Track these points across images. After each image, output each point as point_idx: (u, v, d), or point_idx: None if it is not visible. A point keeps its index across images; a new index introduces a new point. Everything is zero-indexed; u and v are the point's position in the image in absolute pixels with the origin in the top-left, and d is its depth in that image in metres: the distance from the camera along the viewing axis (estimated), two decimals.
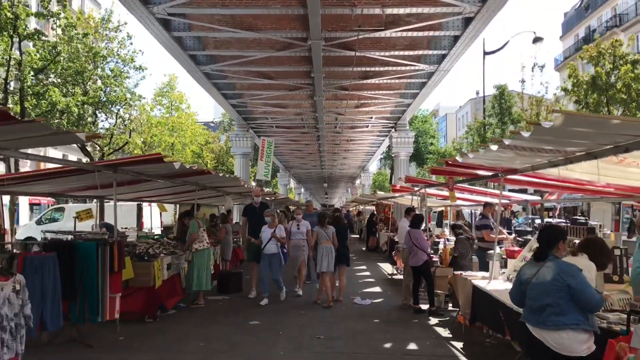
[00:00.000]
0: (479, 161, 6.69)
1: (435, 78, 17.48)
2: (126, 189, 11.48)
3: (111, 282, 7.03)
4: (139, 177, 8.71)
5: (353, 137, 29.65)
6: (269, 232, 10.07)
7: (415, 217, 9.75)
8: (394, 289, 11.69)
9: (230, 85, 19.54)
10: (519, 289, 4.12)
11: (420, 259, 9.12)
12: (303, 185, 68.46)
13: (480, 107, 57.38)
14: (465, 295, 7.60)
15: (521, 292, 4.08)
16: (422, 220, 9.72)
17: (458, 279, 8.23)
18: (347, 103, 20.51)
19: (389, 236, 20.35)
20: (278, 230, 10.11)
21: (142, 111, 23.39)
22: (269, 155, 21.08)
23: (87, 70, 17.91)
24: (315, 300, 9.98)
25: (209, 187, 12.65)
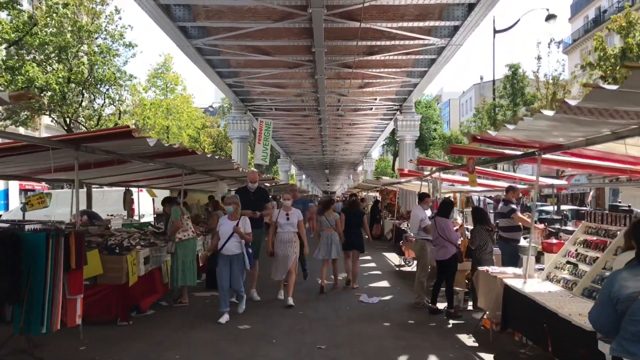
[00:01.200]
0: (518, 134, 5.42)
1: (446, 53, 16.15)
2: (106, 172, 10.30)
3: (69, 282, 5.82)
4: (110, 157, 7.51)
5: (356, 121, 28.32)
6: (230, 226, 7.50)
7: (443, 204, 8.46)
8: (403, 284, 10.50)
9: (224, 62, 18.20)
10: (613, 308, 2.86)
11: (449, 252, 7.89)
12: (304, 172, 67.24)
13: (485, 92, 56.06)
14: (494, 296, 6.40)
15: (618, 313, 2.84)
16: (451, 208, 8.47)
17: (482, 276, 7.03)
18: (350, 83, 19.17)
19: (394, 224, 19.20)
20: (242, 223, 7.57)
21: (133, 92, 22.04)
22: (267, 138, 19.80)
23: (71, 45, 16.54)
24: (320, 287, 9.61)
25: (199, 171, 11.44)
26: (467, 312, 7.98)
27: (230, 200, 7.81)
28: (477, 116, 27.67)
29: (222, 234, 7.51)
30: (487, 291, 6.82)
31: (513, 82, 23.32)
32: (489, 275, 6.75)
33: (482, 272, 7.01)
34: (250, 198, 8.82)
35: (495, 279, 6.44)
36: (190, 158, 9.10)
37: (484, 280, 6.93)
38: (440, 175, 10.42)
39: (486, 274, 6.86)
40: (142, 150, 7.87)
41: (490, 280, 6.70)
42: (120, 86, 20.18)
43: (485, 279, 6.91)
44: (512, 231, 8.58)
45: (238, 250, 7.49)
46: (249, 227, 7.68)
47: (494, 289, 6.47)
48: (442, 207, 8.32)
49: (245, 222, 7.64)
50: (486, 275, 6.86)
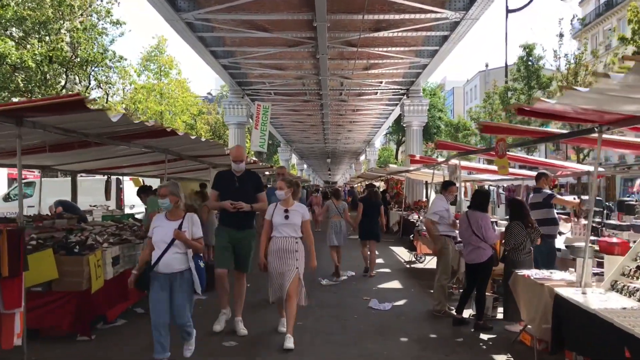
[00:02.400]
0: (578, 100, 4.10)
1: (460, 29, 14.75)
2: (74, 157, 9.01)
3: (3, 293, 4.56)
4: (71, 138, 6.22)
5: (360, 106, 26.95)
6: (168, 229, 4.88)
7: (478, 196, 7.04)
8: (417, 285, 9.24)
9: (219, 40, 16.82)
10: None
11: (484, 254, 6.57)
12: (306, 162, 65.89)
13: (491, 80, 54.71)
14: (541, 308, 5.13)
15: None
16: (488, 200, 7.10)
17: (522, 282, 5.75)
18: (354, 63, 17.77)
19: (401, 215, 17.94)
20: (188, 223, 4.96)
21: (123, 74, 20.70)
22: (265, 122, 18.48)
23: (51, 21, 15.18)
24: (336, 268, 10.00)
25: (187, 157, 10.16)
26: (497, 322, 6.71)
27: (165, 191, 4.97)
28: (487, 101, 26.25)
29: (156, 242, 4.88)
30: (529, 301, 5.55)
31: (528, 64, 21.87)
32: (531, 281, 5.47)
33: (522, 277, 5.73)
34: (234, 185, 6.11)
35: (542, 288, 5.16)
36: (172, 140, 7.85)
37: (525, 287, 5.66)
38: (459, 162, 9.10)
39: (527, 280, 5.58)
40: (112, 130, 6.61)
41: (533, 288, 5.42)
42: (108, 68, 18.85)
43: (526, 286, 5.63)
44: (548, 225, 7.29)
45: (182, 266, 4.87)
46: (199, 228, 5.05)
47: (540, 299, 5.20)
48: (477, 199, 6.91)
49: (193, 223, 5.01)
50: (527, 281, 5.58)
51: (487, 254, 6.55)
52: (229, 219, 6.17)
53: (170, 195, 4.97)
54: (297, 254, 5.74)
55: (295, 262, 5.69)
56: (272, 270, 5.76)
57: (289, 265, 5.68)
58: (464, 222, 6.90)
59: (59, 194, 13.65)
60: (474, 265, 6.66)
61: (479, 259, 6.56)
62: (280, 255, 5.74)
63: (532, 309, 5.43)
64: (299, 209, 5.90)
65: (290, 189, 5.89)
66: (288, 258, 5.71)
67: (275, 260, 5.74)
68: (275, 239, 5.79)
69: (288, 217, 5.75)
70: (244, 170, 6.28)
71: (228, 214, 6.11)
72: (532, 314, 5.42)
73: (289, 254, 5.72)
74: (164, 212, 5.07)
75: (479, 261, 6.58)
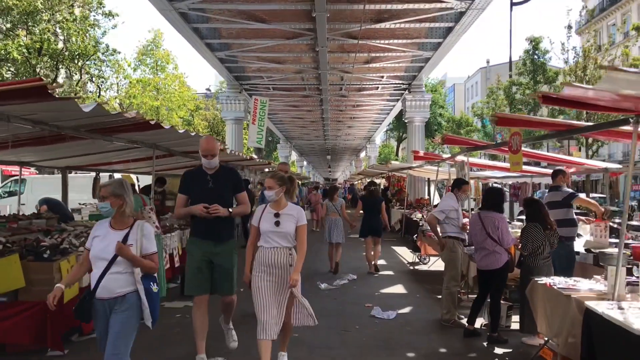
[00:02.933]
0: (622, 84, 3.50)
1: (465, 20, 14.15)
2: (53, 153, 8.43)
3: None
4: (42, 130, 5.62)
5: (360, 102, 26.32)
6: (111, 239, 3.67)
7: (492, 195, 6.37)
8: (422, 290, 8.65)
9: (214, 31, 16.20)
10: None
11: (500, 260, 5.96)
12: (305, 159, 65.29)
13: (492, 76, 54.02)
14: (566, 322, 4.53)
15: None
16: (503, 199, 6.47)
17: (542, 291, 5.16)
18: (355, 57, 17.15)
19: (403, 214, 17.35)
20: (136, 234, 3.74)
21: (117, 68, 20.09)
22: (262, 117, 17.86)
23: (38, 11, 14.56)
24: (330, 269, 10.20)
25: (178, 153, 9.56)
26: (512, 333, 6.12)
27: (106, 191, 3.74)
28: (490, 97, 25.62)
29: (94, 258, 3.67)
30: (551, 313, 4.96)
31: (533, 57, 21.23)
32: (555, 291, 4.87)
33: (543, 286, 5.13)
34: (208, 186, 4.93)
35: (568, 300, 4.57)
36: (159, 135, 7.25)
37: (547, 297, 5.06)
38: (468, 158, 8.49)
39: (550, 290, 4.98)
40: (90, 122, 6.02)
41: (557, 299, 4.82)
42: (101, 61, 18.24)
43: (548, 296, 5.03)
44: (567, 226, 6.69)
45: (126, 288, 3.63)
46: (152, 240, 3.81)
47: (566, 312, 4.60)
48: (492, 199, 6.25)
49: (144, 234, 3.75)
50: (550, 291, 4.98)
51: (504, 259, 5.96)
52: (202, 228, 4.90)
53: (111, 197, 3.71)
54: (292, 269, 4.49)
55: (288, 278, 4.50)
56: (258, 290, 4.47)
57: (281, 284, 4.51)
58: (476, 223, 6.29)
59: (54, 191, 13.03)
60: (488, 272, 6.06)
61: (495, 265, 5.96)
62: (268, 271, 4.48)
63: (555, 322, 4.84)
64: (293, 212, 4.61)
65: (282, 187, 4.59)
66: (279, 275, 4.49)
67: (263, 278, 4.48)
68: (263, 250, 4.54)
69: (279, 222, 4.51)
70: (217, 167, 5.03)
71: (201, 221, 4.86)
72: (555, 328, 4.83)
73: (281, 269, 4.49)
74: (106, 213, 3.82)
75: (494, 267, 5.98)
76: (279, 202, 4.62)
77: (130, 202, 3.80)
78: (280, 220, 4.53)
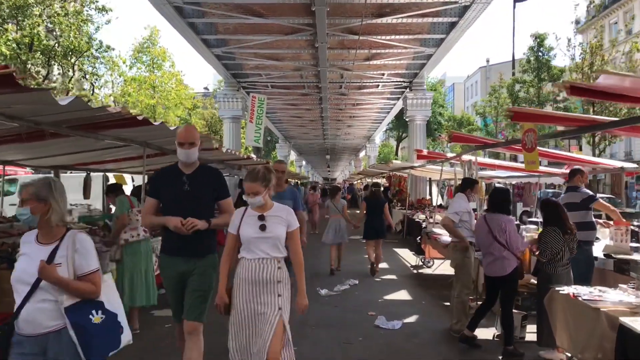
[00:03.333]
0: None
1: (469, 15, 13.69)
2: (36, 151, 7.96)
3: None
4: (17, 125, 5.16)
5: (360, 100, 25.87)
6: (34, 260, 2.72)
7: (497, 195, 5.91)
8: (428, 296, 8.19)
9: (211, 27, 15.73)
10: None
11: (508, 266, 5.53)
12: (304, 158, 64.84)
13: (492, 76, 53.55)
14: (596, 338, 4.09)
15: None
16: (509, 200, 6.02)
17: (564, 302, 4.72)
18: (355, 54, 16.69)
19: (404, 214, 16.90)
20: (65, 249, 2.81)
21: (112, 66, 19.61)
22: (260, 116, 17.37)
23: (28, 4, 14.09)
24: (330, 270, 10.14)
25: (171, 152, 9.07)
26: (527, 346, 5.67)
27: (27, 194, 2.86)
28: (493, 95, 25.19)
29: (14, 280, 2.83)
30: (574, 326, 4.52)
31: (538, 54, 20.77)
32: (580, 303, 4.42)
33: (565, 297, 4.69)
34: (183, 188, 3.97)
35: (597, 313, 4.12)
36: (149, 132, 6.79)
37: (568, 308, 4.62)
38: (476, 158, 8.04)
39: (574, 301, 4.53)
40: (72, 117, 5.55)
41: (583, 312, 4.38)
42: (95, 58, 17.77)
43: (570, 307, 4.59)
44: (586, 229, 6.24)
45: (55, 322, 2.75)
46: (90, 255, 2.88)
47: (594, 327, 4.16)
48: (497, 199, 5.81)
49: (77, 249, 2.83)
50: (573, 303, 4.54)
51: (512, 266, 5.52)
52: (174, 241, 3.94)
53: (33, 201, 2.82)
54: (280, 286, 3.62)
55: (276, 299, 3.58)
56: (239, 314, 3.60)
57: (267, 306, 3.56)
58: (482, 227, 5.84)
59: None
60: (496, 279, 5.62)
61: (502, 272, 5.53)
62: (251, 288, 3.60)
63: (581, 337, 4.40)
64: (282, 213, 3.75)
65: (267, 188, 3.71)
66: (265, 293, 3.58)
67: (245, 297, 3.59)
68: (245, 262, 3.65)
69: (265, 226, 3.64)
70: (197, 166, 4.07)
71: (172, 233, 3.87)
72: (581, 344, 4.38)
73: (267, 286, 3.59)
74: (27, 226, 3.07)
75: (502, 274, 5.54)
76: (264, 205, 3.75)
77: (59, 208, 2.86)
78: (266, 223, 3.65)
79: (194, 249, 3.95)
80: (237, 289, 3.66)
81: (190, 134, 4.02)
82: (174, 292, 4.06)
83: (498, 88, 24.97)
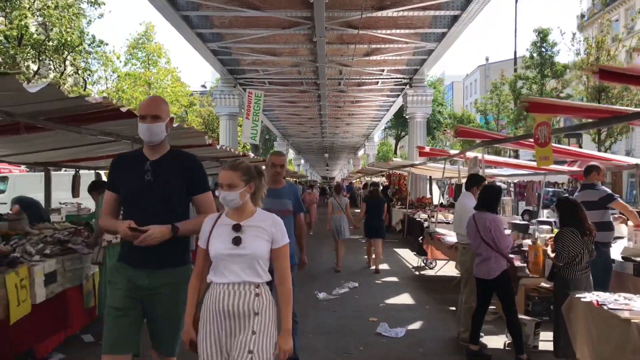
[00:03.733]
0: None
1: (472, 8, 13.25)
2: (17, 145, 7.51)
3: None
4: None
5: (359, 97, 25.42)
6: None
7: (485, 192, 5.59)
8: (432, 300, 7.76)
9: (206, 20, 15.27)
10: None
11: (496, 268, 5.17)
12: (303, 157, 64.41)
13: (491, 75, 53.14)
14: (628, 352, 3.66)
15: None
16: (498, 197, 5.63)
17: (583, 309, 4.31)
18: (354, 49, 16.25)
19: (405, 213, 16.48)
20: None
21: (105, 61, 19.15)
22: (257, 112, 16.94)
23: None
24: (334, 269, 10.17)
25: None
26: (542, 355, 5.25)
27: None
28: (494, 92, 24.78)
29: None
30: (598, 337, 4.09)
31: (541, 50, 20.33)
32: (605, 312, 4.00)
33: (586, 305, 4.27)
34: (144, 179, 3.06)
35: (627, 324, 3.70)
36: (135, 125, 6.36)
37: (591, 317, 4.19)
38: (483, 155, 7.62)
39: (597, 310, 4.11)
40: (50, 109, 5.12)
41: (607, 322, 3.95)
42: (88, 53, 17.31)
43: (593, 317, 4.16)
44: (603, 230, 5.81)
45: None
46: None
47: (622, 339, 3.74)
48: (484, 196, 5.49)
49: None
50: (597, 312, 4.11)
51: (499, 268, 5.18)
52: (131, 249, 2.99)
53: None
54: (257, 320, 2.72)
55: (248, 340, 2.68)
56: (204, 355, 2.74)
57: (236, 348, 2.68)
58: (471, 226, 5.47)
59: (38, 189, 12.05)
60: (485, 281, 5.27)
61: (489, 274, 5.20)
62: (220, 323, 2.72)
63: (606, 349, 3.98)
64: (266, 222, 2.83)
65: (249, 185, 2.83)
66: (236, 330, 2.72)
67: (211, 335, 2.73)
68: (214, 288, 2.77)
69: (240, 239, 2.73)
70: (166, 150, 3.15)
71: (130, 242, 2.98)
72: (606, 357, 3.96)
73: (239, 320, 2.71)
74: None
75: (488, 277, 5.21)
76: (243, 208, 2.83)
77: None
78: (242, 236, 2.73)
79: (161, 258, 3.00)
80: (203, 323, 2.76)
81: (155, 105, 3.14)
82: (122, 311, 2.97)
83: (499, 85, 24.52)
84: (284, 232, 2.85)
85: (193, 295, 2.86)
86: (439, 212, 12.92)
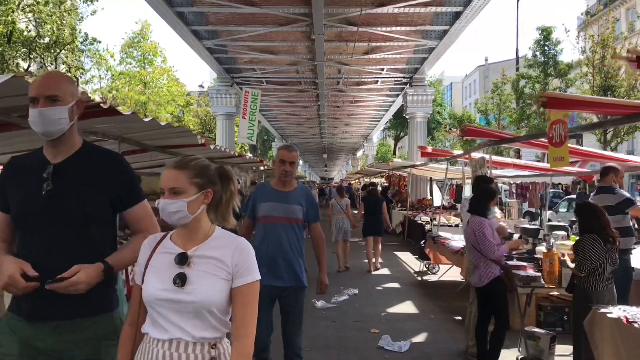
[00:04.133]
0: None
1: (475, 3, 12.84)
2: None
3: None
4: None
5: (358, 97, 25.02)
6: None
7: (475, 194, 5.30)
8: (437, 309, 7.33)
9: (201, 17, 14.85)
10: None
11: (484, 276, 4.80)
12: (301, 157, 64.01)
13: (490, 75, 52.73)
14: None
15: None
16: (489, 198, 5.17)
17: (609, 325, 3.89)
18: (354, 47, 15.83)
19: (405, 215, 16.08)
20: None
21: (98, 59, 18.73)
22: (253, 111, 16.52)
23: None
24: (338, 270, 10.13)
25: (152, 148, 8.18)
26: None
27: None
28: (495, 92, 24.39)
29: None
30: (629, 357, 3.68)
31: (544, 48, 19.93)
32: (637, 330, 3.59)
33: (614, 321, 3.85)
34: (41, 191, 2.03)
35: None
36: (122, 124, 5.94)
37: (620, 335, 3.77)
38: (490, 155, 7.21)
39: (628, 327, 3.69)
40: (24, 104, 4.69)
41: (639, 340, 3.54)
42: (80, 51, 16.88)
43: (623, 334, 3.74)
44: (622, 235, 5.37)
45: None
46: None
47: None
48: (473, 199, 5.15)
49: None
50: (627, 329, 3.69)
51: (489, 276, 4.78)
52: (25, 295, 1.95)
53: None
54: None
55: None
56: None
57: None
58: (467, 231, 5.15)
59: None
60: (479, 290, 4.93)
61: (481, 282, 4.84)
62: None
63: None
64: (227, 249, 1.86)
65: (202, 193, 1.88)
66: None
67: None
68: (150, 345, 1.82)
69: (184, 277, 1.80)
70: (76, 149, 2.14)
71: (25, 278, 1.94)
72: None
73: None
74: None
75: (478, 285, 4.87)
76: (194, 227, 1.90)
77: None
78: (188, 272, 1.82)
79: (71, 303, 1.97)
80: None
81: (51, 82, 2.08)
82: None
83: (500, 84, 24.13)
84: (252, 263, 1.87)
85: (125, 351, 1.90)
86: (440, 214, 12.53)
